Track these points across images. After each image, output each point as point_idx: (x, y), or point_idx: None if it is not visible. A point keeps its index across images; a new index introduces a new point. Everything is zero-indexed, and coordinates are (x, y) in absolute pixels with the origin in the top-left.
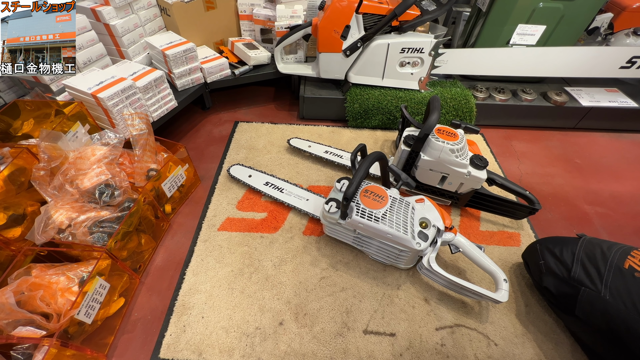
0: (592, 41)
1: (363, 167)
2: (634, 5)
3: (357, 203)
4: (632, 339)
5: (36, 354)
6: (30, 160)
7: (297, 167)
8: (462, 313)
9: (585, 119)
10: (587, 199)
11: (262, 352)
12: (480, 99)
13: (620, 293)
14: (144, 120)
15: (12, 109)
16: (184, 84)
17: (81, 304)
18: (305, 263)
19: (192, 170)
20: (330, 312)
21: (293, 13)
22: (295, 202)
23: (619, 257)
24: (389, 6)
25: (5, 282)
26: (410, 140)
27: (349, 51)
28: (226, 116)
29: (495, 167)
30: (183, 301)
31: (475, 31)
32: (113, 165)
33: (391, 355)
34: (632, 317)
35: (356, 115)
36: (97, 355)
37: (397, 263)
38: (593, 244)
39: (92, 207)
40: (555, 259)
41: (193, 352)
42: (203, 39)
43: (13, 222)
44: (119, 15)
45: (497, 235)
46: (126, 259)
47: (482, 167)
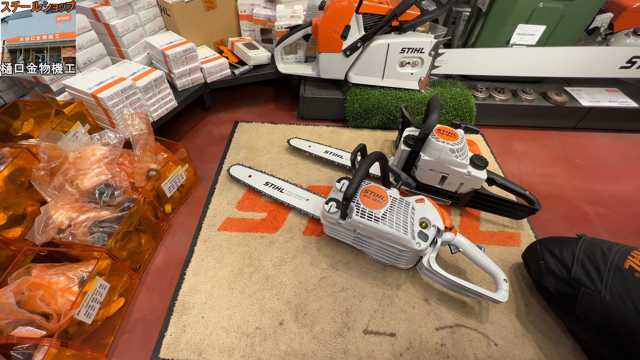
0: (592, 41)
1: (363, 167)
2: (634, 5)
3: (357, 203)
4: (632, 339)
5: (36, 354)
6: (30, 160)
7: (297, 167)
8: (462, 313)
9: (585, 119)
10: (587, 199)
11: (262, 352)
12: (480, 99)
13: (620, 293)
14: (144, 120)
15: (12, 109)
16: (184, 84)
17: (81, 304)
18: (305, 263)
19: (192, 170)
20: (330, 312)
21: (293, 13)
22: (295, 202)
23: (619, 257)
24: (389, 6)
25: (5, 282)
26: (410, 140)
27: (349, 51)
28: (226, 116)
29: (495, 167)
30: (183, 301)
31: (475, 31)
32: (113, 165)
33: (391, 355)
34: (633, 317)
35: (356, 115)
36: (97, 355)
37: (397, 263)
38: (593, 244)
39: (92, 207)
40: (555, 259)
41: (193, 352)
42: (203, 39)
43: (13, 222)
44: (119, 15)
45: (497, 235)
46: (126, 259)
47: (482, 167)
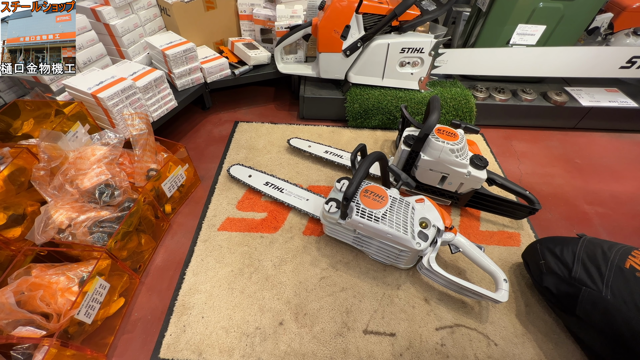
0: (592, 41)
1: (363, 167)
2: (634, 5)
3: (357, 203)
4: (634, 338)
5: (36, 354)
6: (30, 160)
7: (297, 167)
8: (462, 313)
9: (585, 119)
10: (587, 199)
11: (262, 352)
12: (480, 99)
13: (621, 293)
14: (144, 120)
15: (12, 109)
16: (184, 84)
17: (81, 304)
18: (305, 263)
19: (192, 170)
20: (330, 312)
21: (293, 13)
22: (295, 202)
23: (620, 256)
24: (389, 6)
25: (5, 282)
26: (410, 140)
27: (349, 51)
28: (226, 116)
29: (495, 167)
30: (183, 301)
31: (475, 31)
32: (113, 165)
33: (391, 355)
34: (634, 317)
35: (356, 115)
36: (97, 355)
37: (397, 263)
38: (594, 244)
39: (92, 207)
40: (555, 258)
41: (193, 352)
42: (203, 39)
43: (13, 222)
44: (119, 15)
45: (497, 235)
46: (126, 259)
47: (482, 167)
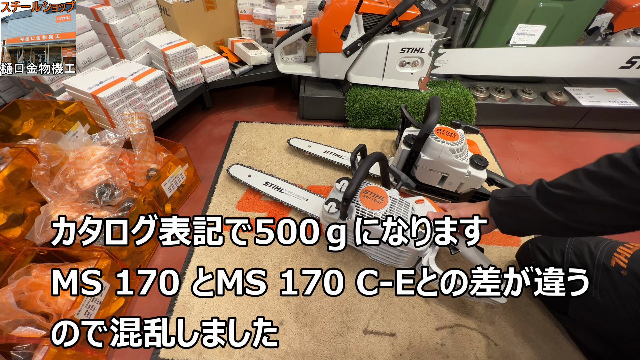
0: (592, 41)
1: (363, 168)
2: (634, 5)
3: (356, 203)
4: (624, 338)
5: (36, 354)
6: (30, 160)
7: (297, 167)
8: (462, 313)
9: (585, 119)
10: None
11: (262, 352)
12: (480, 99)
13: (609, 293)
14: (144, 120)
15: (12, 109)
16: (184, 84)
17: (81, 304)
18: (305, 263)
19: (192, 170)
20: (330, 312)
21: (293, 13)
22: (295, 202)
23: (606, 254)
24: (389, 6)
25: (5, 282)
26: (410, 140)
27: (349, 51)
28: (226, 116)
29: (495, 167)
30: (183, 301)
31: (475, 31)
32: (113, 165)
33: (391, 355)
34: (622, 317)
35: (356, 115)
36: (97, 355)
37: (397, 263)
38: (580, 242)
39: (92, 207)
40: (546, 259)
41: (193, 352)
42: (203, 39)
43: (13, 222)
44: (118, 15)
45: (497, 235)
46: (126, 259)
47: (482, 167)
